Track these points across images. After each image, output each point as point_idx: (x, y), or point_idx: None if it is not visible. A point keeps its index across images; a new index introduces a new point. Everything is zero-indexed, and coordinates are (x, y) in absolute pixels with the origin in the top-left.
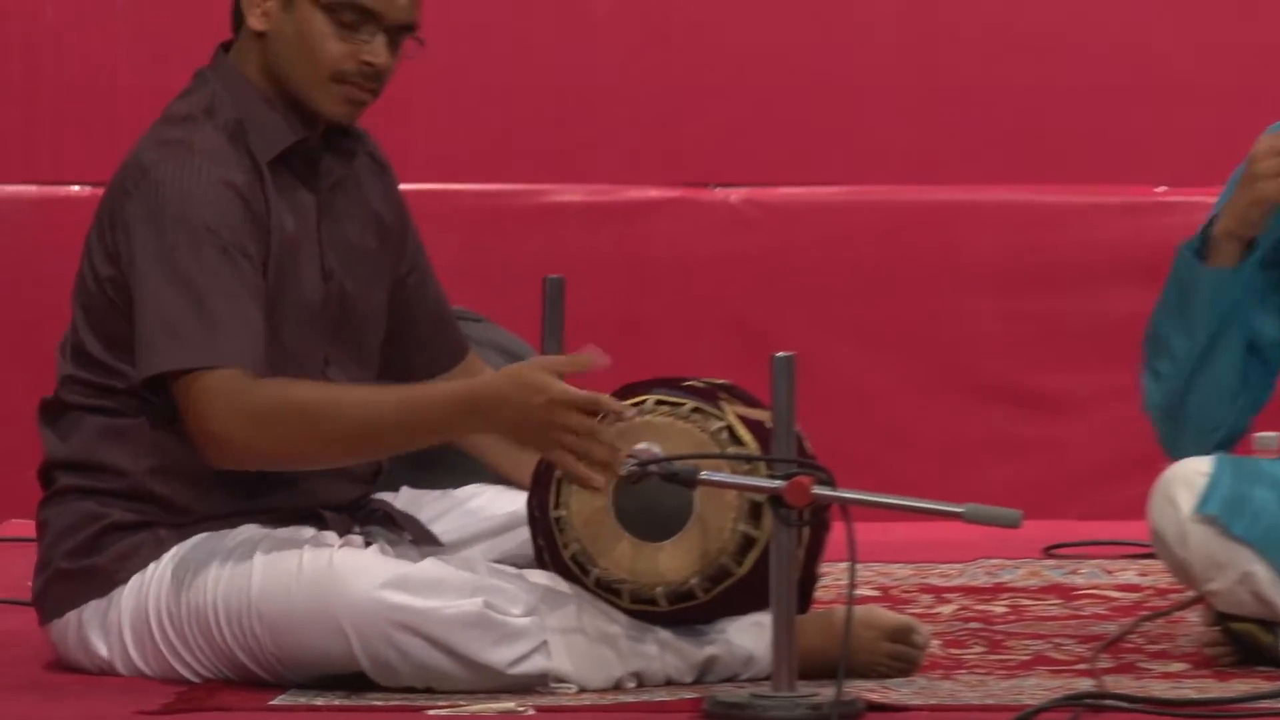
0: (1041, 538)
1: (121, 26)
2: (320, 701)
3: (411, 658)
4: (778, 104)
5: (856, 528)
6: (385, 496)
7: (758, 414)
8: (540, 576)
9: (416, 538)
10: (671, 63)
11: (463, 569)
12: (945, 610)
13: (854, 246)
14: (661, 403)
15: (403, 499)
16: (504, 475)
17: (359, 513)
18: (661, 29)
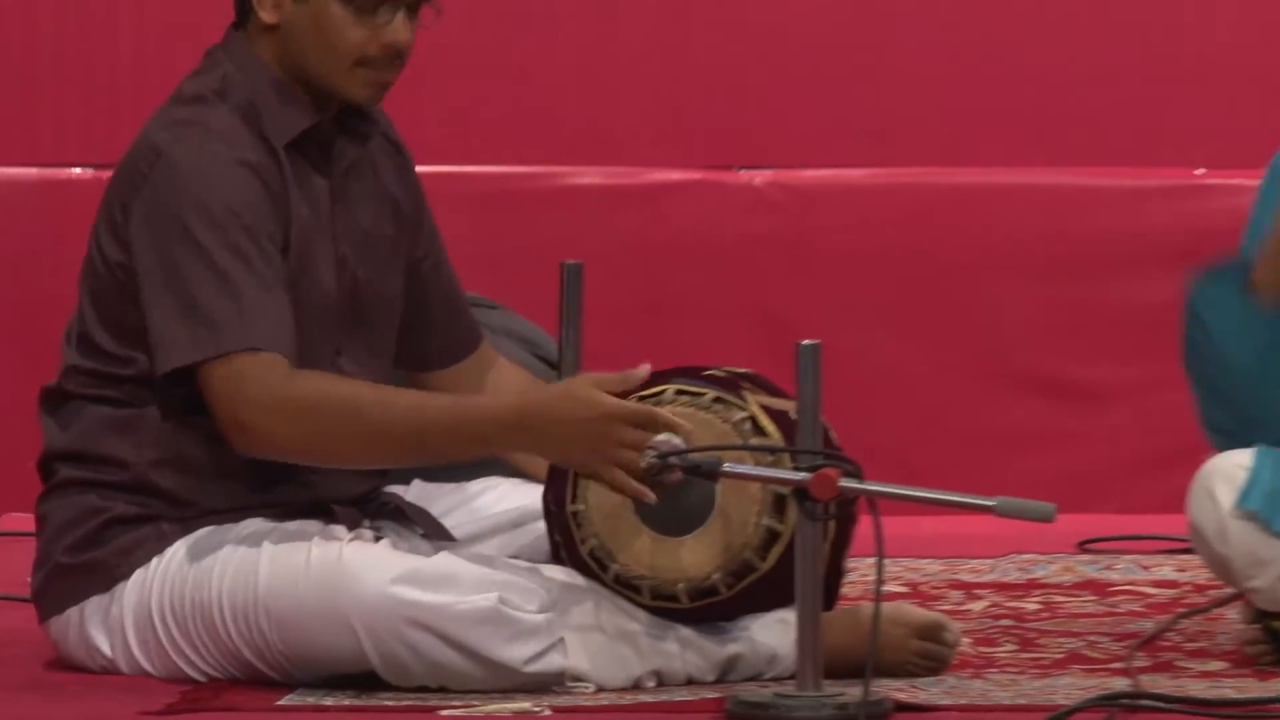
0: (1076, 532)
1: (124, 2)
2: (329, 701)
3: (423, 655)
4: (804, 83)
5: (884, 521)
6: (396, 489)
7: (782, 404)
8: (557, 572)
9: (429, 532)
10: (693, 40)
11: (477, 564)
12: (976, 607)
13: (883, 231)
14: (682, 393)
15: (414, 492)
16: (519, 467)
17: (369, 506)
18: (683, 5)
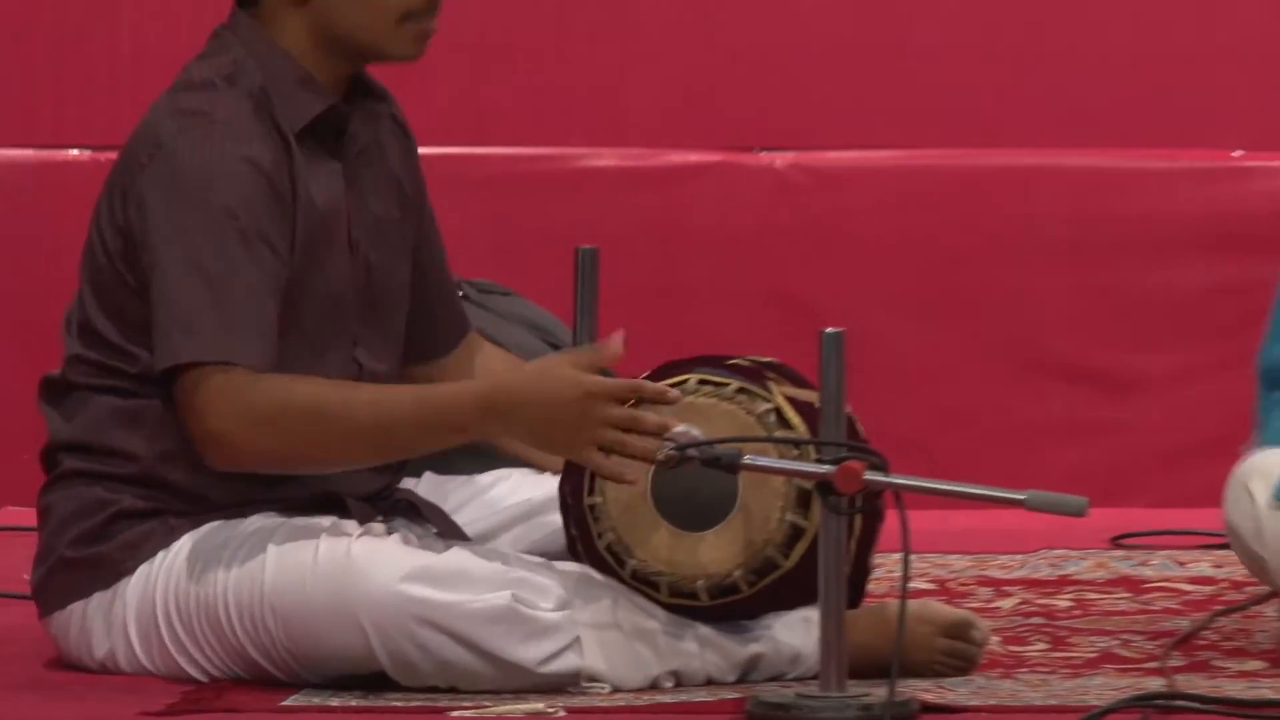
0: (1109, 526)
1: None
2: (336, 702)
3: (434, 655)
4: (827, 61)
5: (911, 516)
6: (408, 484)
7: (807, 394)
8: (572, 568)
9: (442, 530)
10: (712, 17)
11: (490, 560)
12: (1005, 604)
13: (909, 214)
14: (704, 382)
15: (426, 485)
16: (530, 460)
17: (383, 503)
18: None
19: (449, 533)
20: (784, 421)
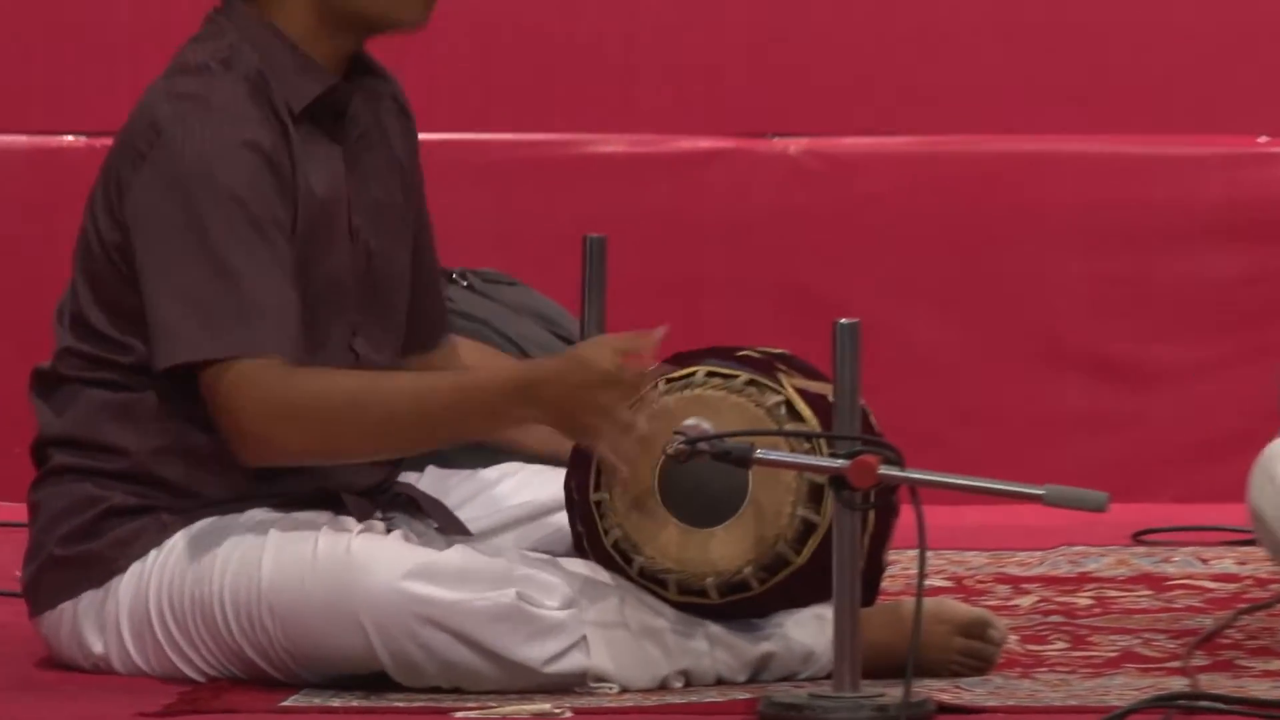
0: (1130, 522)
1: None
2: (336, 703)
3: (437, 654)
4: (842, 45)
5: (926, 511)
6: (409, 478)
7: (819, 387)
8: (579, 566)
9: (443, 526)
10: None
11: (494, 557)
12: (1024, 602)
13: (925, 202)
14: (713, 374)
15: (428, 480)
16: (529, 450)
17: (381, 497)
18: None
19: (450, 528)
20: (795, 414)
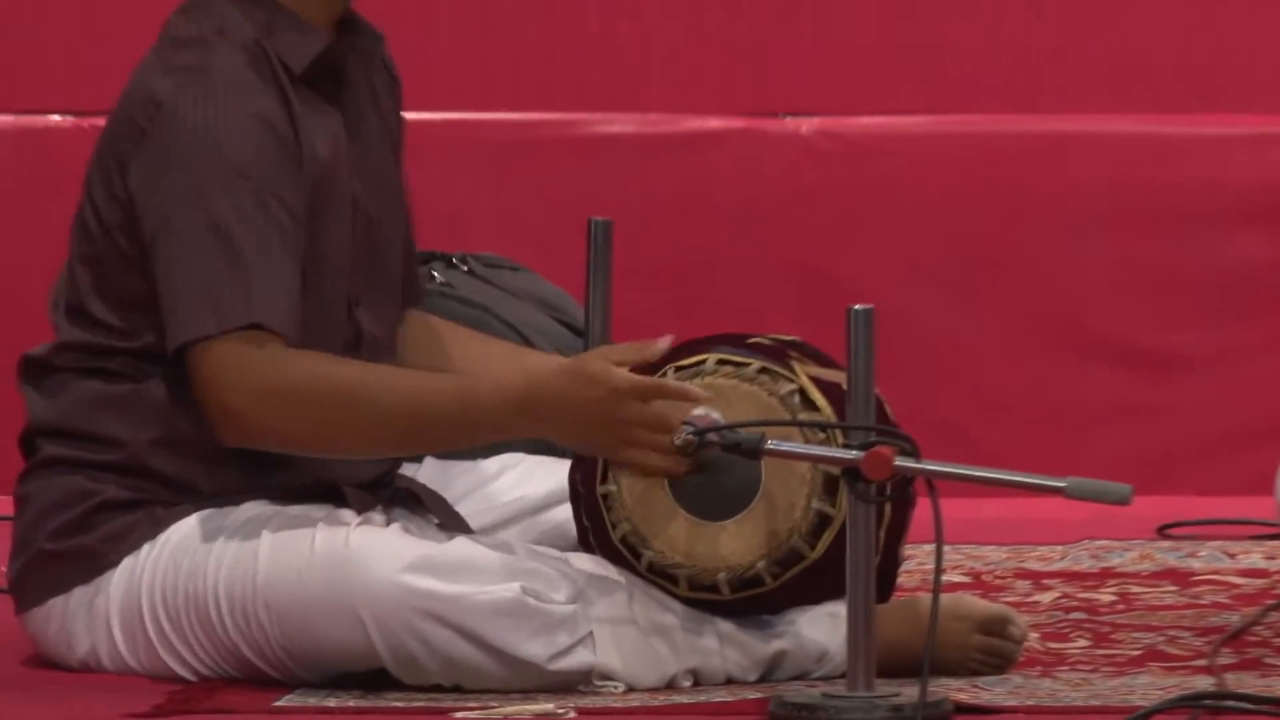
0: (1154, 516)
1: None
2: (333, 702)
3: (438, 651)
4: (856, 21)
5: (944, 504)
6: (408, 470)
7: (833, 375)
8: (585, 560)
9: (444, 521)
10: None
11: (497, 550)
12: (1045, 598)
13: (942, 184)
14: (724, 362)
15: (427, 472)
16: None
17: (382, 491)
18: None
19: (451, 524)
20: (809, 403)
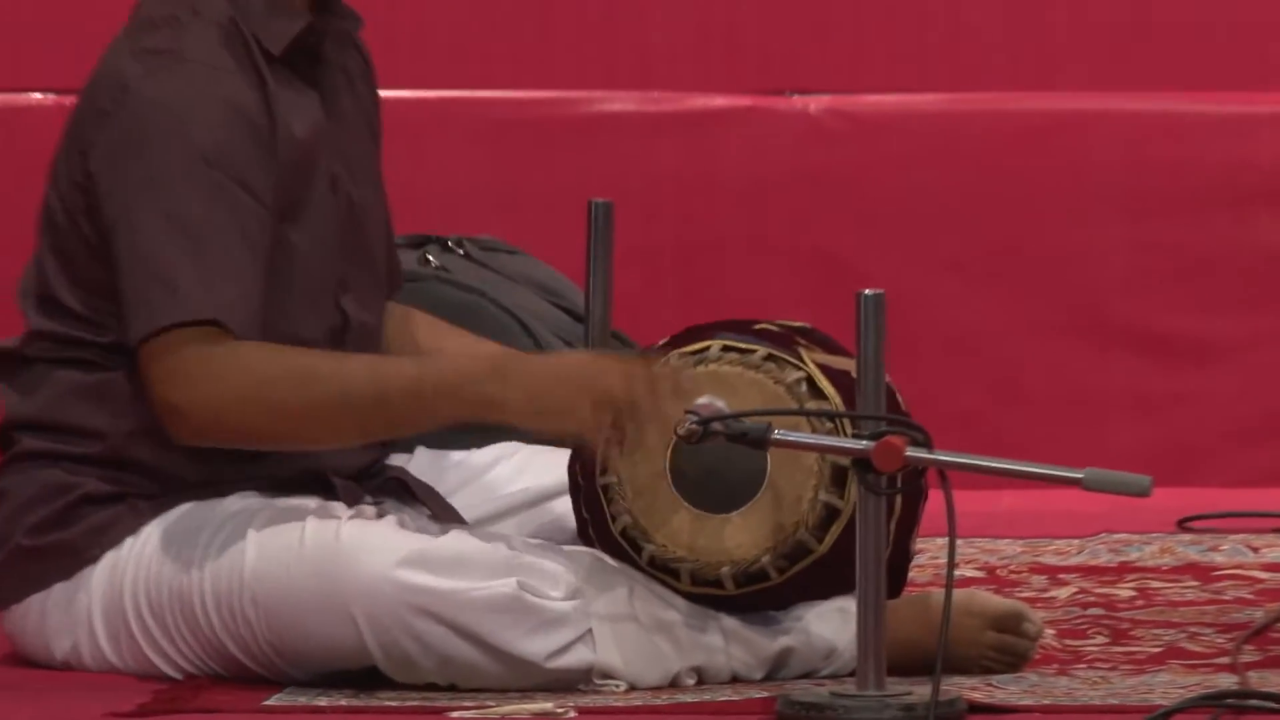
0: (1175, 508)
1: None
2: (324, 701)
3: (432, 648)
4: None
5: (957, 496)
6: (399, 460)
7: (842, 362)
8: (584, 554)
9: (436, 513)
10: None
11: (493, 544)
12: (1061, 594)
13: (956, 164)
14: (728, 349)
15: (419, 463)
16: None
17: (371, 481)
18: None
19: (444, 515)
20: (817, 391)
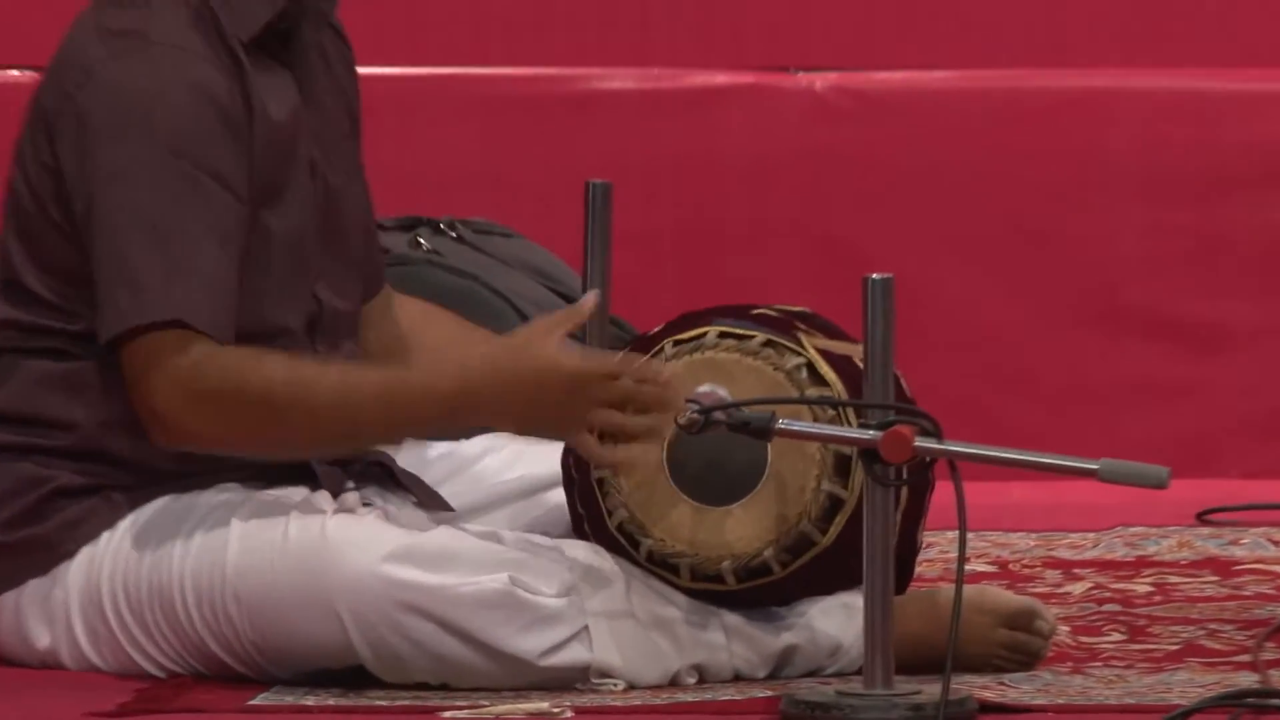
0: (1194, 500)
1: None
2: (310, 700)
3: (421, 646)
4: None
5: (967, 488)
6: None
7: (843, 348)
8: (580, 549)
9: (422, 500)
10: None
11: (484, 538)
12: (1076, 589)
13: (966, 143)
14: (726, 335)
15: (405, 454)
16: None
17: (353, 467)
18: None
19: (430, 503)
20: (817, 378)
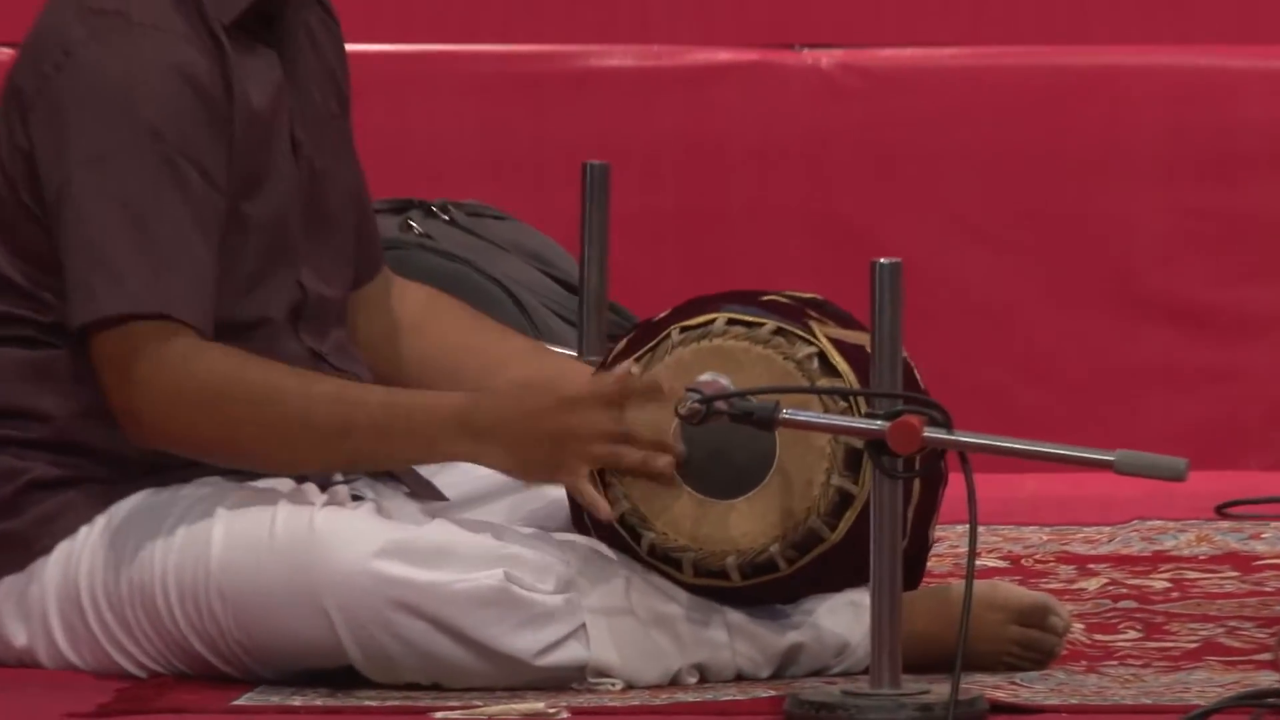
0: (1213, 493)
1: None
2: (297, 701)
3: (412, 645)
4: None
5: (979, 480)
6: None
7: (856, 336)
8: (578, 543)
9: (414, 490)
10: None
11: (478, 533)
12: (1091, 585)
13: (978, 123)
14: (734, 322)
15: None
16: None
17: None
18: None
19: (423, 493)
20: (829, 368)
